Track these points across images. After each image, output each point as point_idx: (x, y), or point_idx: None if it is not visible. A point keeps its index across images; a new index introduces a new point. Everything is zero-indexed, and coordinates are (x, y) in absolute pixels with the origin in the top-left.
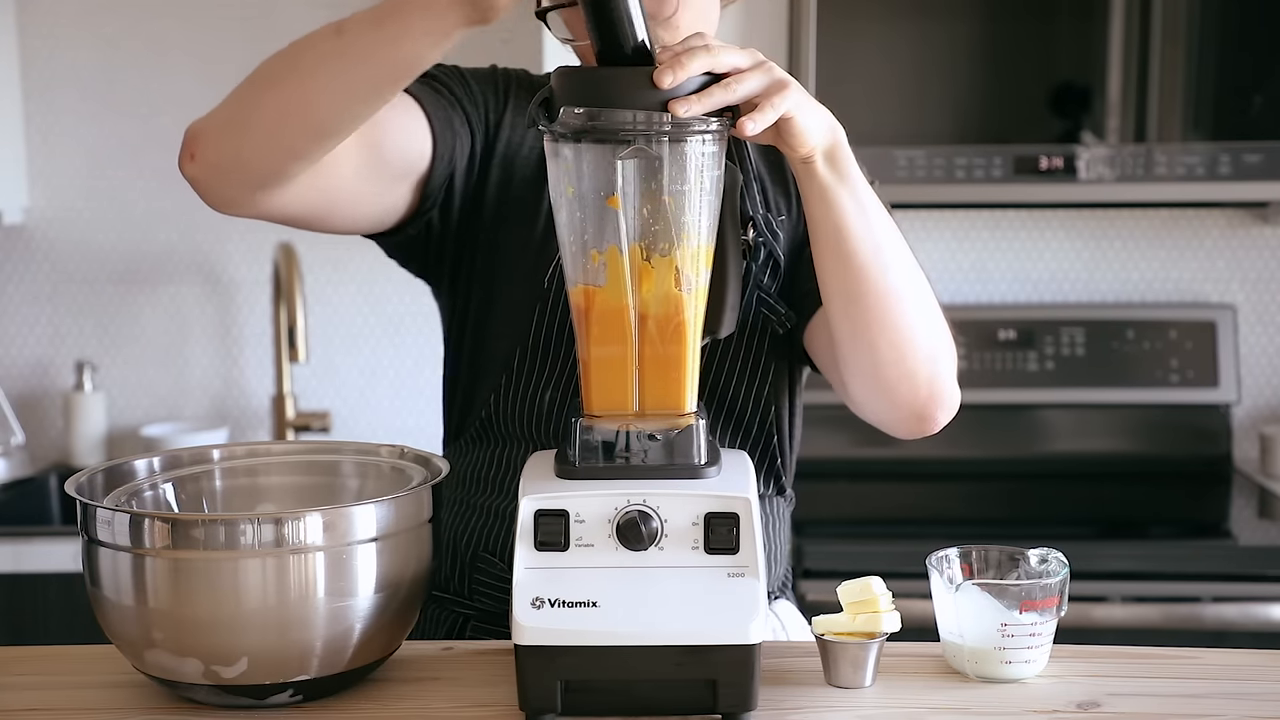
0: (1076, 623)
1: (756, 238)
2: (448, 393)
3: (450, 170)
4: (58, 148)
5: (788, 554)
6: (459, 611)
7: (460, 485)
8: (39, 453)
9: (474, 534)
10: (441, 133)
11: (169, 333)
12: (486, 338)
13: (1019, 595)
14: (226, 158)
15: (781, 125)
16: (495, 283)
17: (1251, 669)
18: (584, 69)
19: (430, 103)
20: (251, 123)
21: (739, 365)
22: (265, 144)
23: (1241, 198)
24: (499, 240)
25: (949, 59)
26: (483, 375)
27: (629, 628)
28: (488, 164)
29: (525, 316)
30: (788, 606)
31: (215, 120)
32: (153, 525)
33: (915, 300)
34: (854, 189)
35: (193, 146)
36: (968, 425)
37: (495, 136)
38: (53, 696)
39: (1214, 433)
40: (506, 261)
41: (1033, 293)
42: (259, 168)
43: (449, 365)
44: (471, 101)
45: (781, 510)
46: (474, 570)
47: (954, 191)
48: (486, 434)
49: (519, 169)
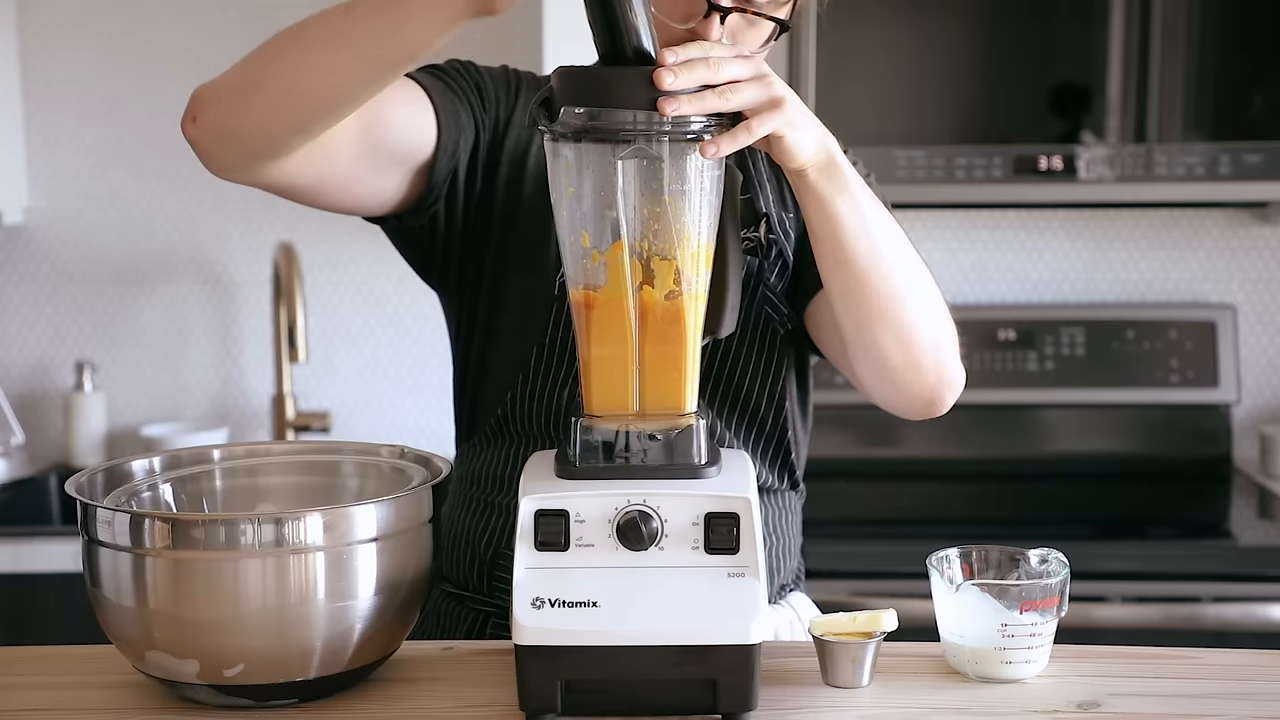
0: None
1: (768, 234)
2: (458, 392)
3: (454, 164)
4: (58, 148)
5: (800, 547)
6: (480, 609)
7: (476, 484)
8: (39, 453)
9: (494, 533)
10: (446, 124)
11: (169, 333)
12: (499, 336)
13: (1019, 595)
14: (229, 124)
15: (772, 141)
16: (506, 281)
17: (1251, 669)
18: (584, 69)
19: (438, 94)
20: (256, 92)
21: (750, 361)
22: (267, 114)
23: (1241, 198)
24: (509, 238)
25: (949, 59)
26: (496, 374)
27: (629, 628)
28: (496, 161)
29: (541, 315)
30: (802, 599)
31: (221, 86)
32: (153, 525)
33: (918, 297)
34: (852, 197)
35: (196, 109)
36: (968, 425)
37: (504, 134)
38: (53, 696)
39: (1214, 433)
40: (518, 259)
41: (1032, 293)
42: (259, 137)
43: (458, 365)
44: (481, 97)
45: (793, 504)
46: (494, 569)
47: (954, 191)
48: (502, 432)
49: (530, 167)
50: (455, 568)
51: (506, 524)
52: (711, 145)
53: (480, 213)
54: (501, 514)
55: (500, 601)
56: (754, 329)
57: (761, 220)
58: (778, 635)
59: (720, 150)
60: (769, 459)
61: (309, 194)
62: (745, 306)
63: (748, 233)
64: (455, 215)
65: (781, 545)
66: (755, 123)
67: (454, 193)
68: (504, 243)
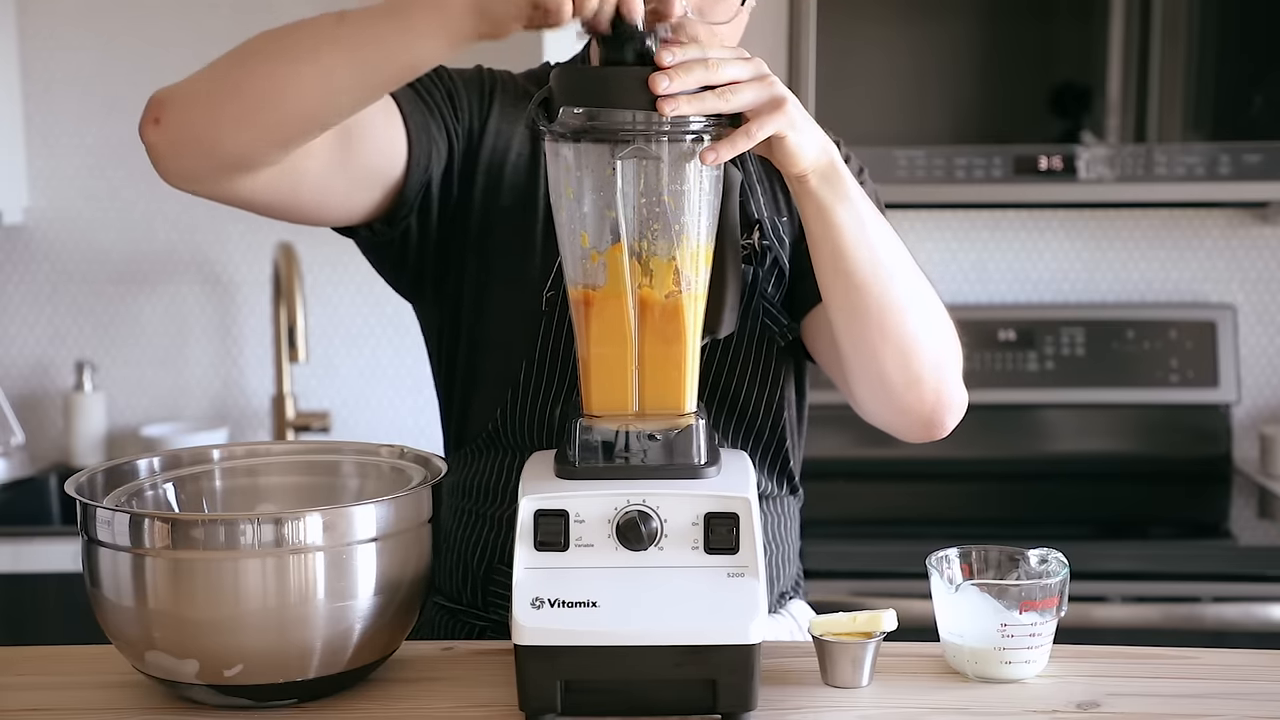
0: (1076, 623)
1: (762, 241)
2: (444, 404)
3: (426, 177)
4: (58, 148)
5: (799, 552)
6: (474, 624)
7: (466, 495)
8: (39, 453)
9: (486, 546)
10: (418, 137)
11: (169, 333)
12: (484, 349)
13: (1019, 595)
14: (196, 130)
15: (773, 144)
16: (489, 290)
17: (1251, 669)
18: (583, 69)
19: (409, 105)
20: (230, 99)
21: (748, 372)
22: (241, 124)
23: (1241, 198)
24: (488, 249)
25: (949, 59)
26: (483, 388)
27: (629, 628)
28: (472, 171)
29: (528, 329)
30: (802, 606)
31: (190, 88)
32: (153, 525)
33: (919, 310)
34: (853, 205)
35: (158, 111)
36: (968, 425)
37: (479, 143)
38: (53, 696)
39: (1214, 433)
40: (500, 269)
41: (1032, 293)
42: (229, 147)
43: (441, 378)
44: (453, 106)
45: (792, 509)
46: (489, 583)
47: (954, 191)
48: (494, 444)
49: (507, 176)
50: (448, 580)
51: (499, 537)
52: (711, 152)
53: (456, 223)
54: (493, 527)
55: (495, 616)
56: (751, 341)
57: (754, 227)
58: None
59: (720, 157)
60: (767, 465)
61: (276, 210)
62: (741, 318)
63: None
64: (429, 227)
65: (781, 553)
66: (755, 127)
67: (427, 205)
68: (484, 252)
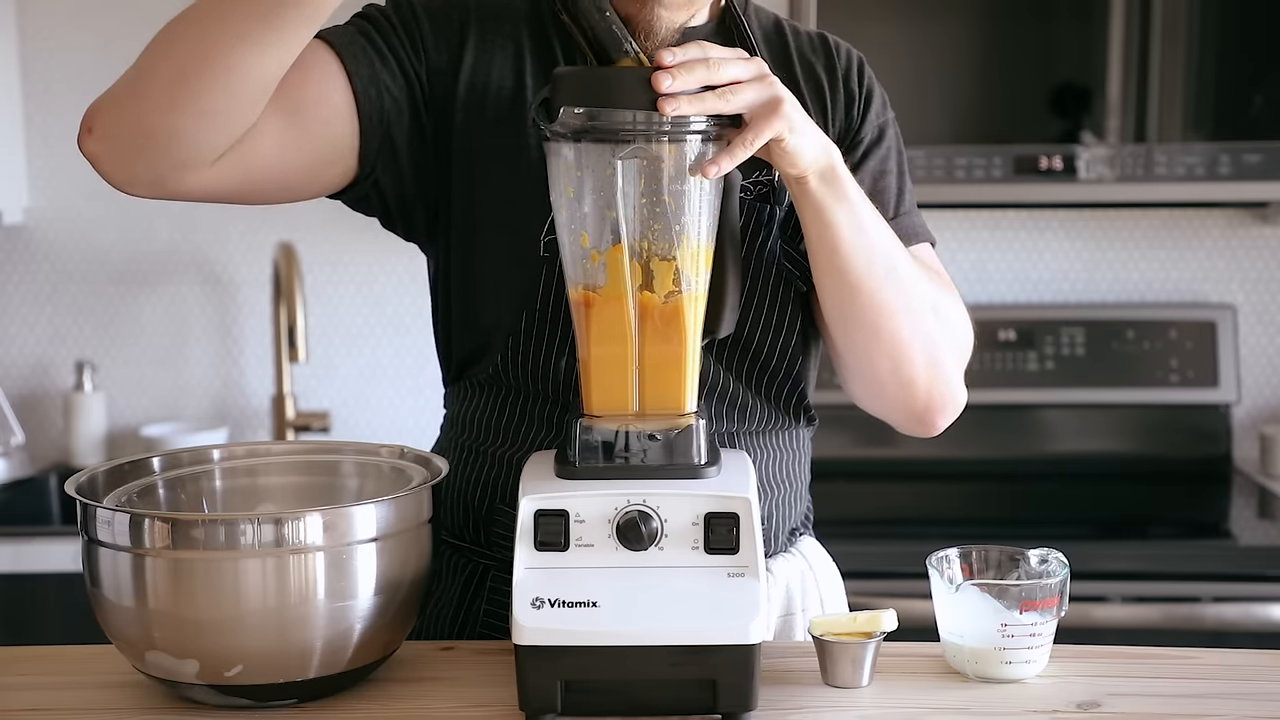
0: (1076, 623)
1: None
2: (442, 341)
3: (384, 130)
4: (58, 148)
5: (809, 487)
6: (479, 562)
7: (468, 429)
8: (39, 453)
9: (487, 485)
10: (364, 91)
11: (169, 333)
12: (481, 294)
13: (1019, 595)
14: (127, 125)
15: (772, 147)
16: (483, 235)
17: (1251, 669)
18: (583, 69)
19: (355, 60)
20: (149, 84)
21: (763, 318)
22: (164, 106)
23: (1241, 198)
24: (474, 190)
25: (949, 59)
26: (483, 334)
27: (629, 628)
28: (448, 109)
29: (526, 277)
30: (813, 543)
31: (112, 91)
32: (153, 525)
33: (915, 313)
34: (852, 207)
35: (90, 121)
36: (968, 425)
37: (455, 79)
38: (53, 696)
39: (1214, 433)
40: (488, 215)
41: (1032, 293)
42: (161, 137)
43: (440, 315)
44: (411, 45)
45: (804, 442)
46: (490, 524)
47: (954, 191)
48: (496, 382)
49: (489, 110)
50: (449, 516)
51: (499, 476)
52: (712, 165)
53: (433, 167)
54: (494, 465)
55: (499, 554)
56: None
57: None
58: (789, 590)
59: (720, 169)
60: (781, 400)
61: (238, 198)
62: (755, 261)
63: (758, 176)
64: (402, 175)
65: (792, 490)
66: (751, 135)
67: (394, 155)
68: (470, 195)
